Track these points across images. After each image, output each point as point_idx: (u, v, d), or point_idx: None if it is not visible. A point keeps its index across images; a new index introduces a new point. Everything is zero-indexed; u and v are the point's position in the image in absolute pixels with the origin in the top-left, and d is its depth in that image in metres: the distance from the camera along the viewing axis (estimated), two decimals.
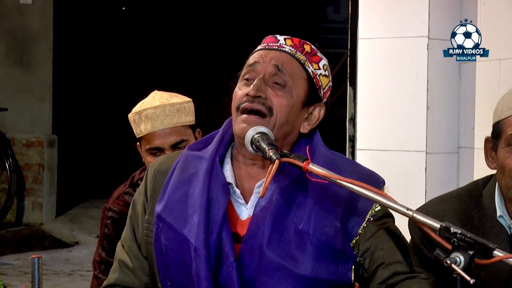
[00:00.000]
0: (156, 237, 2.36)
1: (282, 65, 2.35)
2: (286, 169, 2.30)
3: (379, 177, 2.41)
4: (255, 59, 2.38)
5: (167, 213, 2.34)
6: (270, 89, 2.33)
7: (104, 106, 11.35)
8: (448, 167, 4.24)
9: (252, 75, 2.36)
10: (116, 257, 2.49)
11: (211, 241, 2.27)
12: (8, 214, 9.76)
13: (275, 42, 2.40)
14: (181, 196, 2.35)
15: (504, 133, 2.61)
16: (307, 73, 2.38)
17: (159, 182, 2.41)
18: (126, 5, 11.80)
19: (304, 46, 2.40)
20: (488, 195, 2.69)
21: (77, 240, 9.72)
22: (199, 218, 2.29)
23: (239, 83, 2.39)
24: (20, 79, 9.78)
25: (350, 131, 4.41)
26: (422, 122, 4.14)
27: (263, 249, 2.26)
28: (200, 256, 2.26)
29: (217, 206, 2.30)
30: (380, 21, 4.25)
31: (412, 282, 2.29)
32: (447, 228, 2.05)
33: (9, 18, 9.85)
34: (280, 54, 2.38)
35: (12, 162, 9.50)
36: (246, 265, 2.28)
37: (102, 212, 3.37)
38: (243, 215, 2.34)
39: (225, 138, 2.41)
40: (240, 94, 2.35)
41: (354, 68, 4.36)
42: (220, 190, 2.32)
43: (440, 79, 4.19)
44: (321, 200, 2.31)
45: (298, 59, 2.37)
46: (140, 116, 3.24)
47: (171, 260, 2.33)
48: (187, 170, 2.38)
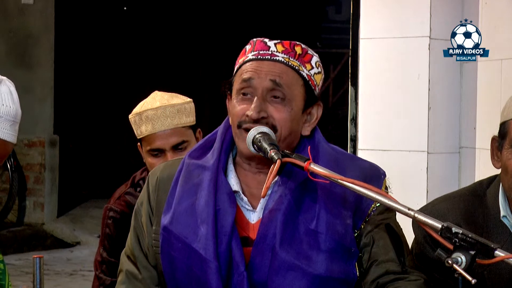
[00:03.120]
0: (162, 248, 2.35)
1: (279, 79, 2.32)
2: (293, 171, 2.31)
3: (380, 170, 2.42)
4: (249, 74, 2.34)
5: (174, 225, 2.34)
6: (270, 105, 2.31)
7: (105, 106, 11.35)
8: (450, 167, 4.24)
9: (249, 90, 2.33)
10: (122, 268, 2.47)
11: (220, 252, 2.28)
12: (10, 214, 9.77)
13: (266, 50, 2.36)
14: (187, 207, 2.35)
15: (509, 133, 2.60)
16: (303, 78, 2.36)
17: (163, 191, 2.40)
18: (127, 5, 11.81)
19: (295, 48, 2.37)
20: (492, 195, 2.69)
21: (78, 240, 9.73)
22: (207, 229, 2.29)
23: (236, 95, 2.36)
24: (21, 79, 9.76)
25: (352, 131, 4.41)
26: (423, 122, 4.15)
27: (276, 249, 2.27)
28: (211, 267, 2.27)
29: (225, 217, 2.30)
30: (381, 21, 4.25)
31: (402, 284, 2.29)
32: (449, 228, 2.05)
33: (10, 18, 9.86)
34: (274, 65, 2.34)
35: (13, 162, 9.51)
36: (258, 268, 2.28)
37: (104, 212, 3.37)
38: (253, 219, 2.35)
39: (224, 146, 2.40)
40: (240, 111, 2.33)
41: (356, 68, 4.36)
42: (227, 200, 2.32)
43: (442, 79, 4.19)
44: (329, 199, 2.31)
45: (292, 66, 2.34)
46: (140, 117, 3.24)
47: (180, 271, 2.32)
48: (191, 180, 2.38)
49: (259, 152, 2.26)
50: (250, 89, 2.33)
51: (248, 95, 2.33)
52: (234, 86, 2.37)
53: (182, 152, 3.15)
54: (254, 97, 2.32)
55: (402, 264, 2.32)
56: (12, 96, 2.46)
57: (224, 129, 2.42)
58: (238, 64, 2.40)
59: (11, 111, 2.44)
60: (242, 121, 2.32)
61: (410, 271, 2.33)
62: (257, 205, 2.35)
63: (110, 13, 11.59)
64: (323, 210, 2.30)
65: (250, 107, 2.31)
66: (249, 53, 2.38)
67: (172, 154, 3.15)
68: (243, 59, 2.39)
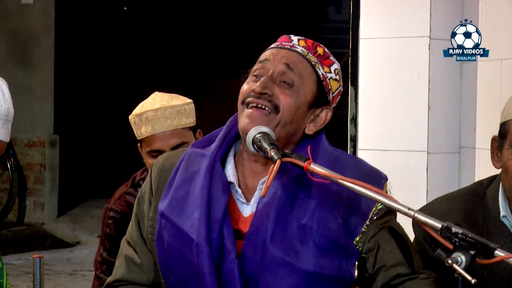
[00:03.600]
0: (158, 234, 2.36)
1: (293, 64, 2.35)
2: (288, 167, 2.30)
3: (381, 174, 2.42)
4: (266, 56, 2.39)
5: (170, 211, 2.35)
6: (277, 87, 2.34)
7: (105, 106, 11.35)
8: (450, 167, 4.24)
9: (262, 71, 2.36)
10: (121, 253, 2.49)
11: (213, 238, 2.29)
12: (10, 214, 9.77)
13: (288, 42, 2.40)
14: (184, 193, 2.36)
15: (509, 134, 2.60)
16: (317, 75, 2.38)
17: (164, 179, 2.42)
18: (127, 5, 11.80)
19: (317, 48, 2.40)
20: (492, 195, 2.69)
21: (78, 240, 9.73)
22: (200, 215, 2.30)
23: (248, 78, 2.39)
24: (21, 79, 9.78)
25: (352, 131, 4.41)
26: (423, 122, 4.15)
27: (266, 245, 2.27)
28: (203, 251, 2.27)
29: (217, 204, 2.31)
30: (381, 21, 4.25)
31: (412, 283, 2.29)
32: (449, 228, 2.05)
33: (10, 18, 9.86)
34: (292, 53, 2.38)
35: (13, 162, 9.51)
36: (249, 260, 2.29)
37: (104, 212, 3.37)
38: (246, 212, 2.35)
39: (228, 136, 2.41)
40: (247, 88, 2.36)
41: (356, 68, 4.36)
42: (220, 188, 2.33)
43: (442, 79, 4.19)
44: (324, 196, 2.31)
45: (309, 60, 2.37)
46: (140, 119, 3.24)
47: (174, 257, 2.33)
48: (190, 168, 2.39)
49: (259, 152, 2.26)
50: (263, 70, 2.36)
51: (260, 76, 2.36)
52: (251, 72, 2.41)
53: None
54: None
55: (411, 265, 2.32)
56: (4, 94, 2.45)
57: (233, 122, 2.44)
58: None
59: (3, 110, 2.45)
60: (246, 96, 2.34)
61: (419, 271, 2.33)
62: (251, 198, 2.35)
63: (110, 13, 11.58)
64: (316, 206, 2.30)
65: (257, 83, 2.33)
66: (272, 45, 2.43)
67: None
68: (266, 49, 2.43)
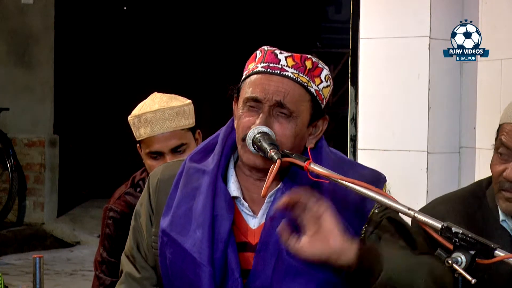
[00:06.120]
0: (161, 251, 2.36)
1: (285, 97, 2.31)
2: (298, 176, 2.31)
3: (380, 175, 2.42)
4: (257, 92, 2.33)
5: (171, 228, 2.34)
6: (275, 119, 2.32)
7: (105, 106, 11.35)
8: (450, 167, 4.24)
9: (255, 105, 2.33)
10: (122, 269, 2.49)
11: (216, 257, 2.29)
12: (10, 214, 9.76)
13: (276, 63, 2.34)
14: (185, 211, 2.35)
15: (498, 138, 2.62)
16: (310, 94, 2.35)
17: (163, 193, 2.41)
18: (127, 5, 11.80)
19: (305, 63, 2.35)
20: (491, 197, 2.68)
21: (78, 240, 9.72)
22: (203, 233, 2.30)
23: (242, 105, 2.35)
24: (21, 79, 9.78)
25: (352, 131, 4.41)
26: (423, 122, 4.15)
27: (283, 255, 2.26)
28: (205, 271, 2.28)
29: (222, 223, 2.30)
30: (381, 21, 4.25)
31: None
32: (449, 228, 2.05)
33: (10, 18, 9.86)
34: (282, 81, 2.32)
35: (13, 162, 9.50)
36: (260, 274, 2.29)
37: (104, 212, 3.37)
38: (253, 224, 2.35)
39: (225, 151, 2.40)
40: (246, 123, 2.32)
41: (356, 68, 4.36)
42: (225, 207, 2.32)
43: (442, 79, 4.19)
44: (333, 204, 2.29)
45: (301, 82, 2.33)
46: (139, 120, 3.23)
47: (175, 274, 2.33)
48: (190, 184, 2.38)
49: (259, 152, 2.26)
50: (257, 104, 2.33)
51: (255, 108, 2.33)
52: (241, 93, 2.37)
53: (181, 155, 3.16)
54: (260, 111, 2.32)
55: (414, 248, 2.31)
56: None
57: (226, 133, 2.42)
58: (247, 70, 2.39)
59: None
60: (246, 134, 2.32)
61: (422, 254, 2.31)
62: (258, 210, 2.35)
63: (110, 13, 11.58)
64: None
65: (256, 121, 2.31)
66: (258, 63, 2.37)
67: (171, 157, 3.16)
68: (252, 67, 2.38)
